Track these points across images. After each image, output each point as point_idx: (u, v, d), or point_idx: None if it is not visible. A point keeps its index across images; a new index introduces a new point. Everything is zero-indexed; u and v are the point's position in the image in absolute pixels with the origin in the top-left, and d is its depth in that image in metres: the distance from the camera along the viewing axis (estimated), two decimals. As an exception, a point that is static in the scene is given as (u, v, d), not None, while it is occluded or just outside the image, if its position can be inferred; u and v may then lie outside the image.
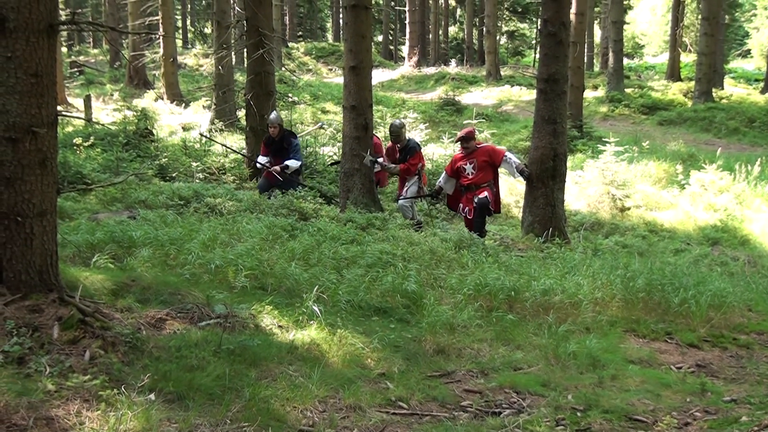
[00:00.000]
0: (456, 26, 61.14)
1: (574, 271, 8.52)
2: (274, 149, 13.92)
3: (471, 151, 12.02)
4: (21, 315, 4.95)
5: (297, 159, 13.84)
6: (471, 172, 11.94)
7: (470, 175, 11.95)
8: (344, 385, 5.18)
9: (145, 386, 4.53)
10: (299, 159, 13.99)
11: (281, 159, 13.73)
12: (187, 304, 6.18)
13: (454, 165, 12.24)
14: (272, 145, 13.95)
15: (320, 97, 32.18)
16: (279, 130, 13.82)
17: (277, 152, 13.87)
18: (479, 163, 11.87)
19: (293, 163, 13.69)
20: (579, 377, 5.81)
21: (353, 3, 12.95)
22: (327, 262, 8.16)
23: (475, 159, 11.93)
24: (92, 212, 10.36)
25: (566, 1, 11.87)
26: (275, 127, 13.79)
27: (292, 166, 13.65)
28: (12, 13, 4.87)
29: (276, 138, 13.83)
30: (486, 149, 12.11)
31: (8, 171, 4.98)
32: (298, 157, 13.89)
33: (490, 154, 11.97)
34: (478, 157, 11.92)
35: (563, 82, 11.74)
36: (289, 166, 13.62)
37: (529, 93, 34.17)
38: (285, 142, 13.80)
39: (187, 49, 50.81)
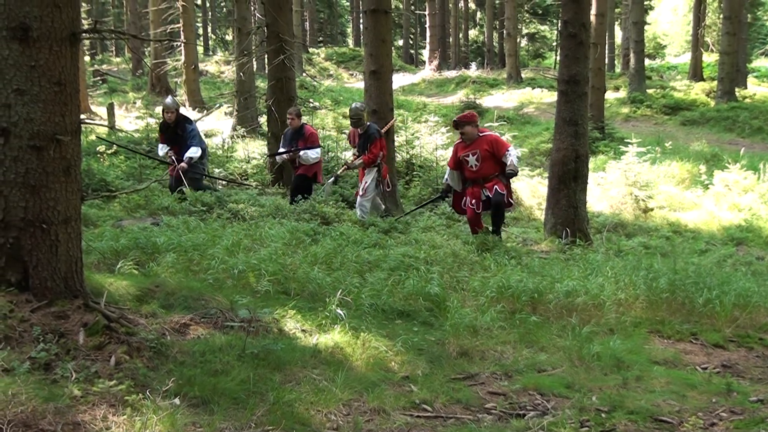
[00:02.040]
0: (476, 29, 61.07)
1: (597, 272, 8.49)
2: (169, 136, 13.16)
3: (472, 139, 10.99)
4: (47, 321, 4.98)
5: (197, 146, 13.00)
6: (474, 164, 10.95)
7: (474, 167, 10.97)
8: (368, 388, 5.18)
9: (170, 391, 4.55)
10: (198, 144, 13.08)
11: (178, 147, 12.96)
12: (211, 309, 6.20)
13: (456, 155, 11.25)
14: (167, 131, 13.20)
15: (341, 102, 32.23)
16: (175, 116, 13.01)
17: (172, 140, 13.09)
18: (482, 153, 10.87)
19: (194, 152, 12.86)
20: (603, 378, 5.79)
21: (373, 7, 13.01)
22: (350, 266, 8.18)
23: (477, 149, 10.91)
24: (116, 219, 10.43)
25: (586, 3, 11.86)
26: (172, 113, 12.98)
27: (194, 156, 12.85)
28: (35, 22, 4.92)
29: (172, 124, 13.04)
30: (489, 138, 11.04)
31: (33, 179, 5.02)
32: (196, 143, 13.01)
33: (492, 144, 10.92)
34: (480, 146, 10.91)
35: (584, 84, 11.71)
36: (192, 157, 12.81)
37: (550, 95, 34.07)
38: (179, 128, 13.02)
39: (209, 56, 51.03)
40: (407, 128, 20.21)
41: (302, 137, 13.60)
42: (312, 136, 13.72)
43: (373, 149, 12.51)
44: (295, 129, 13.74)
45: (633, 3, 35.64)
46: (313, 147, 13.60)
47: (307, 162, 13.54)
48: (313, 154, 13.59)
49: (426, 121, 22.50)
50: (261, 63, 32.81)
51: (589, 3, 12.22)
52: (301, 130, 13.68)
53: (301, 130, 13.67)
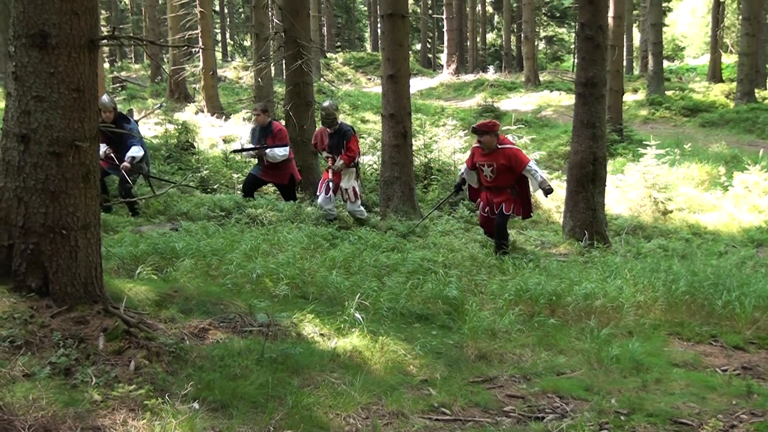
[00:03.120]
0: (494, 33, 61.09)
1: (616, 274, 8.47)
2: (108, 136, 12.09)
3: (490, 150, 10.53)
4: (67, 327, 5.02)
5: (137, 144, 12.13)
6: (489, 175, 10.63)
7: (488, 178, 10.65)
8: (387, 391, 5.19)
9: (189, 395, 4.57)
10: (137, 143, 12.18)
11: (115, 147, 12.07)
12: (230, 314, 6.23)
13: (473, 159, 10.87)
14: None
15: (359, 106, 32.26)
16: (113, 115, 12.13)
17: (111, 140, 12.13)
18: (498, 167, 10.48)
19: (136, 152, 12.00)
20: (622, 381, 5.78)
21: (390, 12, 13.02)
22: (368, 269, 8.20)
23: (494, 162, 10.50)
24: (135, 225, 10.48)
25: (603, 5, 11.83)
26: (109, 112, 12.05)
27: (137, 155, 12.00)
28: (54, 29, 4.96)
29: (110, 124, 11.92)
30: (507, 153, 10.51)
31: (53, 185, 5.05)
32: (136, 142, 12.14)
33: (511, 159, 10.46)
34: (497, 159, 10.48)
35: (602, 86, 11.68)
36: (135, 156, 11.97)
37: (568, 98, 33.98)
38: (117, 126, 11.98)
39: (227, 62, 51.20)
40: (425, 132, 20.19)
41: (270, 134, 13.14)
42: (280, 133, 13.26)
43: (350, 145, 12.23)
44: (262, 125, 13.29)
45: (651, 5, 35.51)
46: (281, 144, 13.04)
47: (273, 160, 12.95)
48: (280, 152, 12.98)
49: (444, 125, 22.46)
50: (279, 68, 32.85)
51: (606, 5, 12.19)
52: (269, 126, 13.25)
53: (269, 127, 13.24)
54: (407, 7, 13.67)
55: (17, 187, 5.08)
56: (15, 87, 5.06)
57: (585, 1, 11.53)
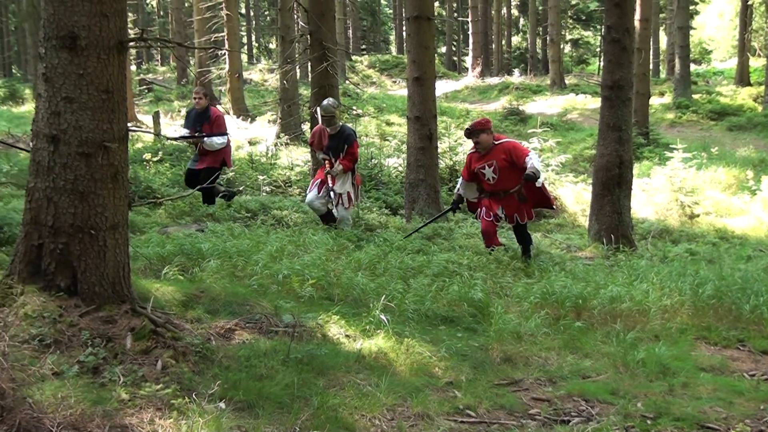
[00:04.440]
0: (519, 36, 60.97)
1: (642, 278, 8.42)
2: None
3: (487, 149, 9.83)
4: (95, 326, 5.05)
5: None
6: (491, 176, 9.85)
7: (491, 180, 9.88)
8: (412, 393, 5.19)
9: (215, 395, 4.59)
10: None
11: None
12: (256, 315, 6.26)
13: (470, 167, 10.12)
14: None
15: (384, 109, 32.31)
16: None
17: None
18: (499, 164, 9.74)
19: None
20: (649, 385, 5.75)
21: (416, 14, 13.04)
22: (393, 271, 8.20)
23: (494, 160, 9.78)
24: (162, 226, 10.54)
25: (630, 8, 11.78)
26: None
27: None
28: (83, 31, 5.00)
29: None
30: (506, 147, 9.81)
31: (82, 185, 5.09)
32: None
33: (510, 152, 9.73)
34: (496, 156, 9.77)
35: (628, 89, 11.62)
36: None
37: (594, 101, 33.85)
38: None
39: (253, 65, 51.40)
40: (450, 135, 20.18)
41: (207, 120, 12.47)
42: (218, 120, 12.62)
43: (350, 150, 11.35)
44: (200, 110, 12.61)
45: (678, 8, 35.31)
46: (219, 132, 12.46)
47: (211, 148, 12.32)
48: (219, 141, 12.38)
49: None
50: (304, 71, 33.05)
51: (632, 8, 12.13)
52: (207, 112, 12.57)
53: (207, 112, 12.56)
54: (433, 9, 13.69)
55: (47, 187, 5.13)
56: (45, 88, 5.10)
57: (611, 3, 11.49)
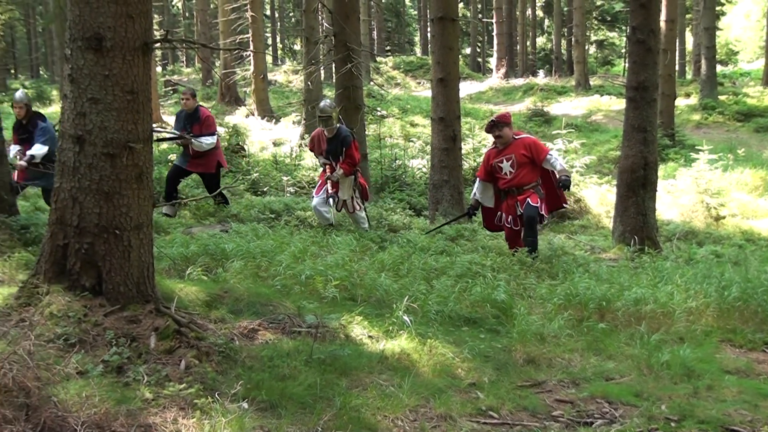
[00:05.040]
0: (544, 37, 60.73)
1: (667, 280, 8.37)
2: (21, 135, 11.35)
3: (506, 143, 9.80)
4: (120, 326, 5.09)
5: (43, 144, 11.04)
6: (509, 170, 9.76)
7: (508, 175, 9.77)
8: (435, 394, 5.18)
9: (238, 395, 4.60)
10: (47, 143, 11.05)
11: (29, 146, 11.13)
12: (279, 315, 6.27)
13: (488, 164, 10.02)
14: (20, 130, 11.41)
15: (409, 110, 32.30)
16: (26, 112, 11.28)
17: (24, 139, 11.26)
18: (518, 158, 9.68)
19: (38, 150, 10.94)
20: (673, 387, 5.71)
21: (440, 15, 13.04)
22: (417, 272, 8.20)
23: (512, 154, 9.72)
24: (186, 226, 10.59)
25: (655, 8, 11.71)
26: (21, 108, 11.24)
27: (37, 154, 10.93)
28: (109, 32, 5.03)
29: (24, 121, 11.29)
30: (525, 141, 9.81)
31: (107, 185, 5.13)
32: (44, 141, 11.07)
33: (530, 147, 9.72)
34: (515, 150, 9.73)
35: (653, 90, 11.56)
36: (35, 155, 10.91)
37: (618, 102, 33.67)
38: (31, 125, 11.27)
39: (277, 66, 51.55)
40: (474, 136, 20.17)
41: (197, 121, 12.19)
42: (208, 120, 12.31)
43: (349, 152, 11.09)
44: (189, 111, 12.33)
45: (704, 9, 35.08)
46: (208, 132, 12.15)
47: (200, 149, 12.08)
48: (207, 141, 12.09)
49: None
50: (329, 72, 33.09)
51: (658, 9, 12.06)
52: (196, 112, 12.29)
53: (196, 113, 12.27)
54: (457, 10, 13.68)
55: (72, 187, 5.17)
56: (71, 89, 5.15)
57: (637, 4, 11.44)
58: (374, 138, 20.89)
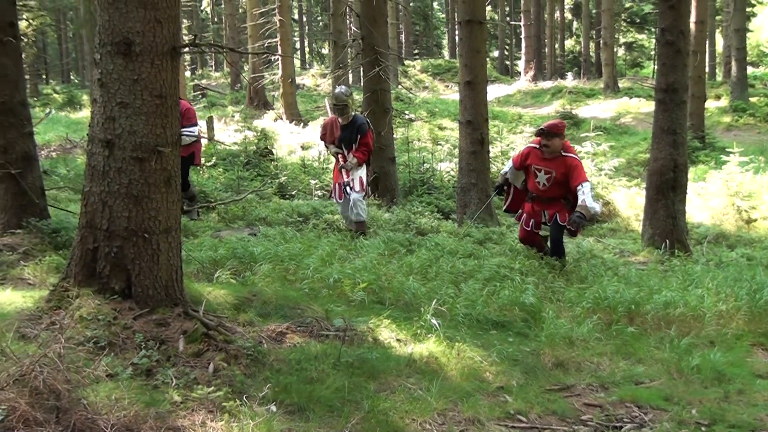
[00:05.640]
0: (572, 39, 60.48)
1: (697, 283, 8.31)
2: None
3: (553, 155, 9.24)
4: (149, 328, 5.12)
5: None
6: (544, 183, 9.31)
7: (541, 186, 9.35)
8: (463, 398, 5.17)
9: (266, 398, 4.62)
10: None
11: None
12: (307, 318, 6.29)
13: (525, 160, 9.51)
14: None
15: (437, 113, 32.27)
16: None
17: None
18: (557, 176, 9.21)
19: None
20: (703, 391, 5.67)
21: (468, 18, 13.01)
22: (445, 276, 8.19)
23: (554, 171, 9.23)
24: (215, 229, 10.62)
25: (685, 10, 11.63)
26: None
27: None
28: (138, 37, 5.07)
29: None
30: (569, 163, 9.17)
31: (136, 189, 5.16)
32: None
33: (571, 171, 9.12)
34: (558, 168, 9.22)
35: (683, 92, 11.48)
36: None
37: (648, 104, 33.47)
38: None
39: (305, 70, 51.79)
40: (502, 139, 20.12)
41: None
42: (188, 113, 11.51)
43: (367, 142, 10.84)
44: None
45: (734, 10, 34.81)
46: (189, 125, 11.43)
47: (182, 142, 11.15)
48: (188, 131, 11.32)
49: (521, 132, 22.40)
50: (357, 75, 33.18)
51: (687, 10, 11.98)
52: None
53: None
54: (485, 13, 13.64)
55: (102, 191, 5.21)
56: (100, 93, 5.19)
57: (666, 6, 11.37)
58: (402, 141, 20.89)
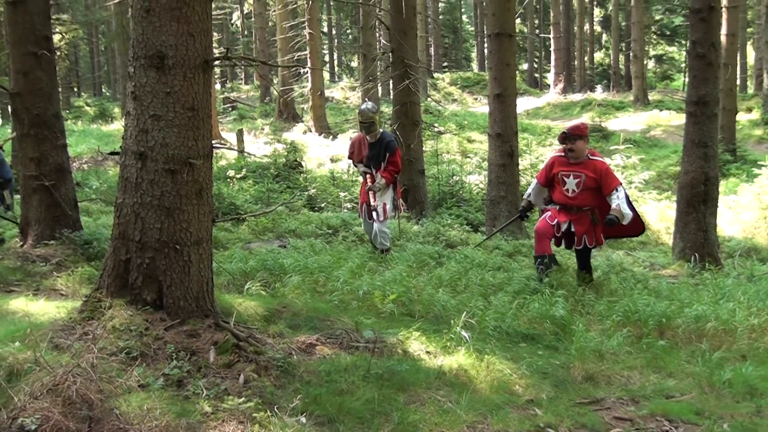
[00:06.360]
0: (601, 52, 60.32)
1: (729, 297, 8.25)
2: None
3: (578, 159, 8.80)
4: (180, 339, 5.16)
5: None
6: (573, 189, 8.77)
7: (569, 193, 8.80)
8: (492, 410, 5.16)
9: (296, 409, 4.63)
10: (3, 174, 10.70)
11: None
12: (336, 330, 6.30)
13: (550, 171, 9.04)
14: None
15: (466, 126, 32.27)
16: None
17: None
18: (587, 180, 8.71)
19: None
20: (735, 406, 5.62)
21: (497, 31, 13.03)
22: (474, 288, 8.18)
23: (583, 174, 8.73)
24: (245, 241, 10.68)
25: (716, 23, 11.59)
26: None
27: None
28: (170, 50, 5.12)
29: None
30: (598, 166, 8.75)
31: (168, 201, 5.21)
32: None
33: (602, 174, 8.70)
34: (586, 171, 8.74)
35: (714, 105, 11.42)
36: None
37: (678, 117, 33.24)
38: None
39: (334, 83, 51.95)
40: (532, 152, 20.07)
41: None
42: None
43: (395, 161, 10.28)
44: None
45: (766, 23, 34.54)
46: None
47: None
48: None
49: (550, 145, 22.34)
50: (386, 88, 33.23)
51: (719, 23, 11.94)
52: None
53: None
54: (514, 26, 13.65)
55: (135, 203, 5.26)
56: (134, 106, 5.24)
57: (697, 18, 11.32)
58: (431, 154, 20.91)
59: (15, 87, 8.88)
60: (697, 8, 11.28)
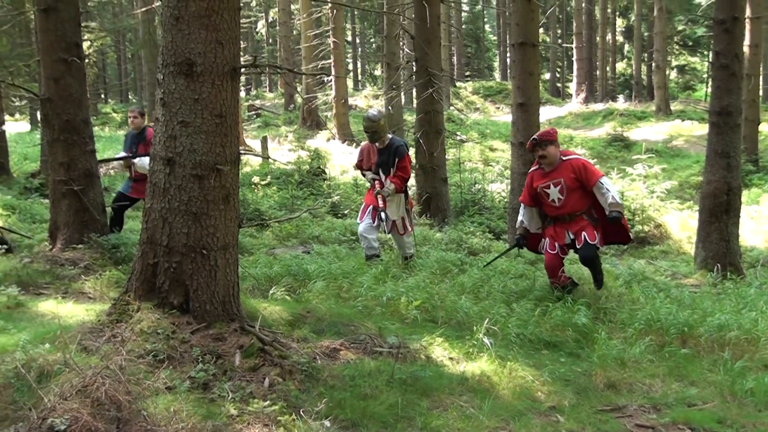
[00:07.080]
0: (624, 62, 60.11)
1: (751, 306, 8.24)
2: None
3: (552, 164, 8.44)
4: (206, 343, 5.22)
5: None
6: (557, 197, 8.41)
7: (556, 202, 8.43)
8: (514, 417, 5.19)
9: (320, 413, 4.68)
10: None
11: None
12: (360, 335, 6.35)
13: (531, 188, 8.65)
14: None
15: (488, 134, 32.30)
16: None
17: None
18: (567, 182, 8.34)
19: None
20: (757, 415, 5.62)
21: (521, 41, 13.03)
22: (496, 295, 8.21)
23: (561, 178, 8.36)
24: (269, 247, 10.75)
25: (739, 33, 11.58)
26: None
27: None
28: (199, 58, 5.20)
29: None
30: (574, 164, 8.39)
31: (195, 206, 5.28)
32: None
33: (581, 171, 8.33)
34: (564, 174, 8.38)
35: (737, 115, 11.40)
36: None
37: (700, 127, 33.08)
38: None
39: (358, 91, 52.01)
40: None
41: (143, 141, 10.95)
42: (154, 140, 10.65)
43: (405, 166, 9.94)
44: (136, 131, 11.18)
45: (791, 33, 34.42)
46: None
47: (143, 171, 10.27)
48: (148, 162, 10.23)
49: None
50: (409, 97, 33.28)
51: (742, 33, 11.92)
52: (143, 132, 11.06)
53: (143, 133, 11.04)
54: (537, 36, 13.66)
55: (162, 208, 5.34)
56: (162, 113, 5.32)
57: (720, 29, 11.32)
58: (454, 162, 20.95)
59: (46, 93, 9.00)
60: (721, 19, 11.28)
